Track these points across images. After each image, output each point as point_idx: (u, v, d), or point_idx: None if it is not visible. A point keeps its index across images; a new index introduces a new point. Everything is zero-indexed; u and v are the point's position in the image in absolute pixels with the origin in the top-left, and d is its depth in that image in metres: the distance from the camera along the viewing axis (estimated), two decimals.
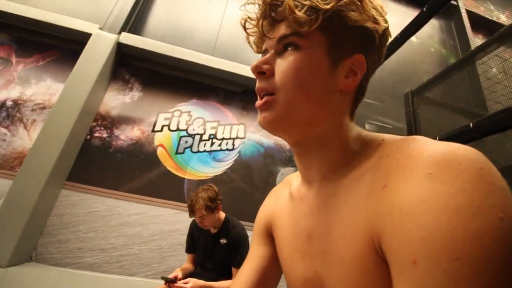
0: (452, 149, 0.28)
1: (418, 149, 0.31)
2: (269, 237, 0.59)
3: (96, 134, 2.64)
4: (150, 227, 2.48)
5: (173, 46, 2.86)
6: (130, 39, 2.75)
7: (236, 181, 2.84)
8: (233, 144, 2.94)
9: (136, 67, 2.94)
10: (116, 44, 2.70)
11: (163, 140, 2.78)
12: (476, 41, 3.85)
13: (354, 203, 0.36)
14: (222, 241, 1.72)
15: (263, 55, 0.45)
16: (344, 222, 0.37)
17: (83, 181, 2.48)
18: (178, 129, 2.85)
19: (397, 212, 0.28)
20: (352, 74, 0.41)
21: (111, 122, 2.71)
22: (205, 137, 2.88)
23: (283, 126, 0.41)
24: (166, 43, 2.88)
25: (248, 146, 2.99)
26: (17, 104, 2.55)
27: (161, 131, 2.80)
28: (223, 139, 2.93)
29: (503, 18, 4.16)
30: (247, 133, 3.03)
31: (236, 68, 2.90)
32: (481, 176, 0.25)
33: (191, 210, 1.63)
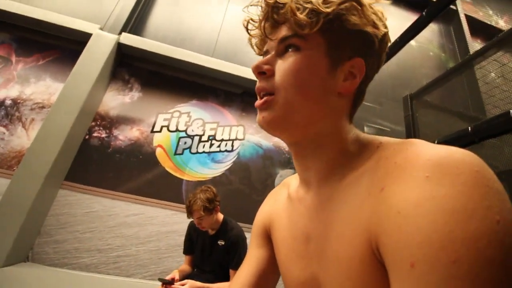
0: (449, 152, 0.28)
1: (416, 152, 0.31)
2: (267, 239, 0.59)
3: (95, 134, 2.64)
4: (148, 228, 2.47)
5: (173, 47, 2.86)
6: (130, 39, 2.76)
7: (234, 182, 2.83)
8: (232, 145, 2.94)
9: (136, 68, 2.95)
10: (117, 45, 2.70)
11: (162, 140, 2.78)
12: (475, 45, 3.88)
13: (352, 205, 0.36)
14: (220, 242, 1.71)
15: (264, 56, 0.45)
16: (342, 224, 0.37)
17: (81, 181, 2.48)
18: (177, 130, 2.85)
19: (394, 215, 0.28)
20: (351, 77, 0.41)
21: (110, 122, 2.70)
22: (204, 138, 2.88)
23: (281, 126, 0.42)
24: (167, 44, 2.89)
25: (247, 147, 2.99)
26: (16, 103, 2.55)
27: (160, 131, 2.80)
28: (222, 140, 2.93)
29: (502, 23, 4.19)
30: (246, 134, 3.03)
31: (236, 69, 2.91)
32: (477, 179, 0.25)
33: (189, 211, 1.62)
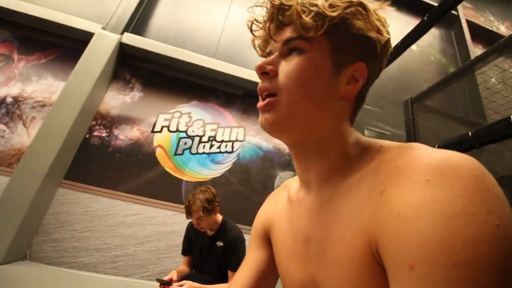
0: (449, 156, 0.29)
1: (416, 156, 0.32)
2: (266, 240, 0.59)
3: (95, 133, 2.64)
4: (147, 228, 2.47)
5: (175, 48, 2.87)
6: (132, 39, 2.76)
7: (234, 184, 2.83)
8: (232, 146, 2.95)
9: (137, 68, 2.95)
10: (118, 44, 2.71)
11: (162, 141, 2.78)
12: (476, 51, 3.89)
13: (353, 207, 0.37)
14: (218, 243, 1.71)
15: (267, 57, 0.45)
16: (342, 226, 0.37)
17: (81, 180, 2.47)
18: (178, 130, 2.85)
19: (395, 218, 0.28)
20: (353, 81, 0.42)
21: (110, 122, 2.71)
22: (204, 139, 2.89)
23: (283, 128, 0.42)
24: (168, 44, 2.89)
25: (247, 149, 2.99)
26: (17, 101, 2.55)
27: (160, 132, 2.80)
28: (222, 141, 2.93)
29: (503, 29, 4.21)
30: (247, 136, 3.03)
31: (237, 71, 2.91)
32: (477, 183, 0.26)
33: (188, 211, 1.62)
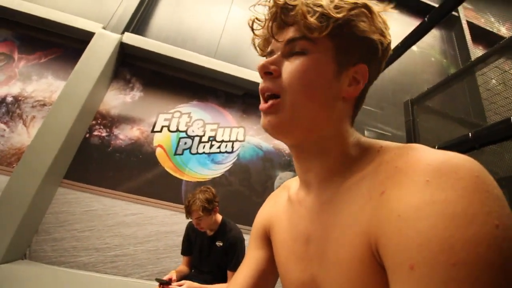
0: (449, 157, 0.29)
1: (416, 157, 0.32)
2: (266, 240, 0.59)
3: (95, 133, 2.64)
4: (146, 228, 2.47)
5: (175, 48, 2.87)
6: (133, 39, 2.76)
7: (234, 184, 2.83)
8: (232, 147, 2.95)
9: (138, 67, 2.95)
10: (119, 44, 2.71)
11: (162, 140, 2.78)
12: (477, 52, 3.89)
13: (353, 207, 0.37)
14: (218, 243, 1.71)
15: (267, 57, 0.45)
16: (342, 226, 0.37)
17: (81, 179, 2.47)
18: (178, 130, 2.85)
19: (395, 218, 0.28)
20: (355, 83, 0.42)
21: (111, 121, 2.71)
22: (204, 139, 2.89)
23: (287, 130, 0.42)
24: (169, 44, 2.89)
25: (247, 149, 2.99)
26: (17, 100, 2.55)
27: (160, 131, 2.80)
28: (222, 141, 2.93)
29: (504, 30, 4.20)
30: (247, 136, 3.03)
31: (237, 71, 2.91)
32: (477, 184, 0.26)
33: (188, 211, 1.62)
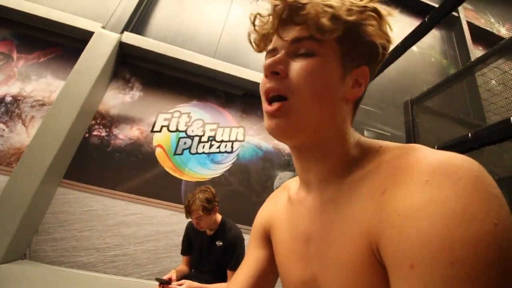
0: (449, 157, 0.29)
1: (416, 157, 0.32)
2: (266, 240, 0.59)
3: (94, 133, 2.64)
4: (146, 228, 2.47)
5: (175, 47, 2.87)
6: (132, 38, 2.76)
7: (234, 184, 2.83)
8: (232, 146, 2.95)
9: (137, 67, 2.95)
10: (118, 44, 2.71)
11: (162, 140, 2.78)
12: (476, 52, 3.89)
13: (353, 207, 0.37)
14: (218, 243, 1.71)
15: (268, 54, 0.44)
16: (343, 225, 0.37)
17: (80, 179, 2.47)
18: (177, 130, 2.85)
19: (395, 217, 0.28)
20: (357, 85, 0.42)
21: (110, 121, 2.70)
22: (204, 139, 2.89)
23: (293, 133, 0.41)
24: (168, 44, 2.89)
25: (247, 149, 2.99)
26: (16, 100, 2.55)
27: (160, 131, 2.80)
28: (222, 141, 2.93)
29: (504, 31, 4.21)
30: (247, 136, 3.03)
31: (237, 71, 2.91)
32: (476, 184, 0.26)
33: (188, 210, 1.62)
